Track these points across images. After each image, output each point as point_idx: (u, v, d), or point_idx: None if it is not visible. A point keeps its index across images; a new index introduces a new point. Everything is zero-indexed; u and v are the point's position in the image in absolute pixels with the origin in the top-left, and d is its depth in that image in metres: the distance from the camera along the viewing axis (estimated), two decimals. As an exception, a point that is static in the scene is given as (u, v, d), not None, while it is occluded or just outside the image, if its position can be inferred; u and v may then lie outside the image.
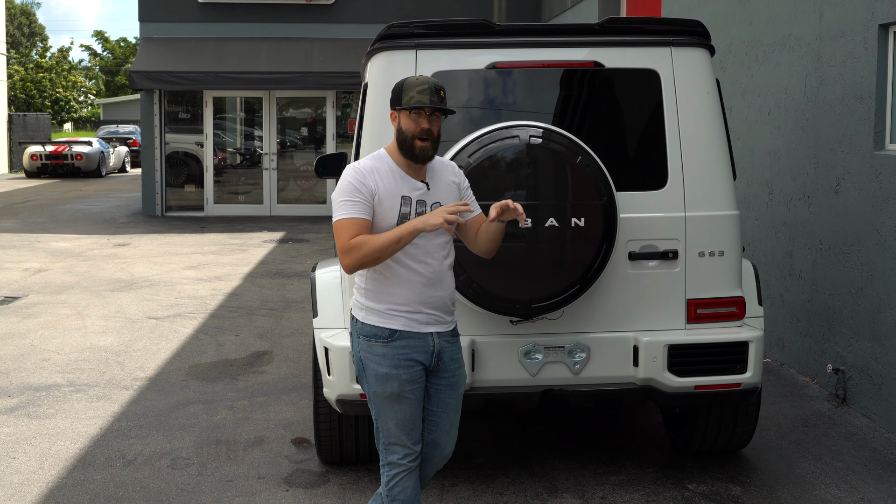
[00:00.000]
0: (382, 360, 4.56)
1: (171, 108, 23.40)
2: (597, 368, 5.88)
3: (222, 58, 22.09)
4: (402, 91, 4.58)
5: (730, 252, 5.97)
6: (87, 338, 10.32)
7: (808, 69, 8.58)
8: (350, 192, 4.50)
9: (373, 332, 4.59)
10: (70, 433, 7.26)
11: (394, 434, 4.62)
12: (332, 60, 22.09)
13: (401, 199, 4.54)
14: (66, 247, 17.42)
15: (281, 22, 22.91)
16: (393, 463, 4.63)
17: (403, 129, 4.56)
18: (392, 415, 4.59)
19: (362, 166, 4.57)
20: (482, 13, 20.86)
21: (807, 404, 7.93)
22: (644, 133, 6.02)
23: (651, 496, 6.06)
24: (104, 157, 37.59)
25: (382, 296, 4.59)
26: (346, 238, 4.46)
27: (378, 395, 4.59)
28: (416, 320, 4.59)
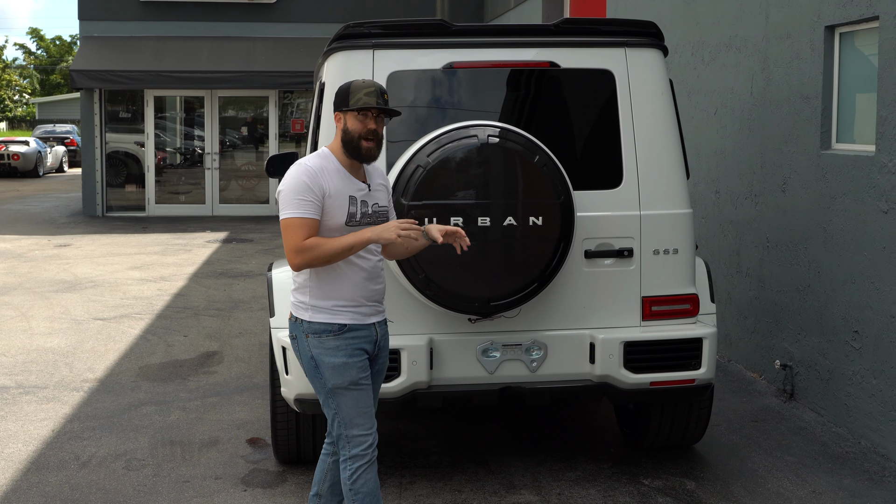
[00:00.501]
0: (337, 352, 4.68)
1: (112, 107, 23.18)
2: (554, 366, 5.93)
3: (163, 57, 21.94)
4: (349, 93, 4.68)
5: (684, 250, 6.05)
6: (34, 339, 10.22)
7: (754, 70, 8.70)
8: (303, 190, 4.56)
9: (323, 329, 4.69)
10: (21, 435, 7.19)
11: (357, 424, 4.71)
12: (274, 60, 22.02)
13: (349, 199, 4.66)
14: (6, 248, 17.21)
15: (222, 21, 22.79)
16: (357, 455, 4.72)
17: (350, 130, 4.66)
18: (353, 404, 4.71)
19: (313, 165, 4.64)
20: (425, 13, 20.91)
21: (755, 400, 8.05)
22: (599, 132, 6.08)
23: (607, 492, 6.13)
24: (42, 157, 37.15)
25: (328, 292, 4.70)
26: (299, 238, 4.54)
27: (338, 386, 4.68)
28: (361, 313, 4.74)
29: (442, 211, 5.43)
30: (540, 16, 16.53)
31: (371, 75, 5.88)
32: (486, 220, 5.44)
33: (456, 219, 5.42)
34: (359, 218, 4.69)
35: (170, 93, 23.10)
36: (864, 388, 7.03)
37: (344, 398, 4.71)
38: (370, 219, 4.75)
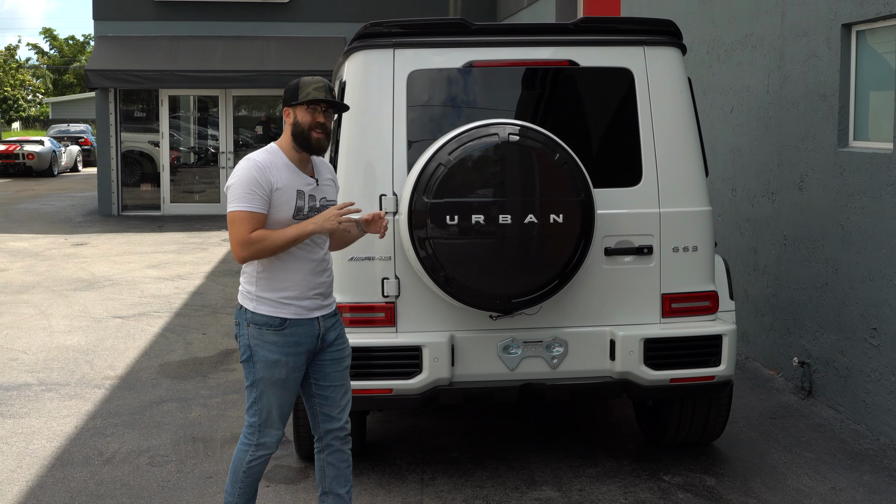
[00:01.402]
0: (273, 348, 4.81)
1: (126, 106, 23.26)
2: (574, 362, 5.97)
3: (178, 56, 22.00)
4: (299, 89, 4.83)
5: (703, 247, 6.09)
6: (54, 337, 10.29)
7: (770, 68, 8.72)
8: (252, 184, 4.69)
9: (264, 321, 4.81)
10: (45, 432, 7.26)
11: (273, 418, 4.90)
12: (287, 59, 22.06)
13: (296, 193, 4.80)
14: (24, 246, 17.31)
15: (236, 20, 22.85)
16: (264, 444, 4.93)
17: (300, 122, 4.81)
18: (275, 399, 4.87)
19: (262, 160, 4.77)
20: (438, 12, 20.94)
21: (773, 397, 8.08)
22: (618, 131, 6.12)
23: (628, 487, 6.17)
24: (56, 157, 37.27)
25: (276, 284, 4.81)
26: (245, 231, 4.67)
27: (265, 380, 4.84)
28: (305, 307, 4.85)
29: (463, 209, 5.47)
30: (553, 15, 16.55)
31: (391, 74, 5.93)
32: (506, 218, 5.48)
33: (477, 216, 5.46)
34: (306, 212, 4.82)
35: (184, 92, 23.18)
36: (882, 385, 7.05)
37: (268, 392, 4.87)
38: (318, 213, 4.85)
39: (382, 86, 5.94)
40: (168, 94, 22.94)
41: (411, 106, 5.93)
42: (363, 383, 5.81)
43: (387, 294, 5.88)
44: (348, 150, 5.94)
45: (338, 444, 5.10)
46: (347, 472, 5.14)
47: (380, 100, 5.92)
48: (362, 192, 5.87)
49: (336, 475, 5.12)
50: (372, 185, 5.87)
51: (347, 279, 5.90)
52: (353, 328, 5.87)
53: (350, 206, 4.76)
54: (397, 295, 5.89)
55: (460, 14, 21.04)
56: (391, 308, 5.90)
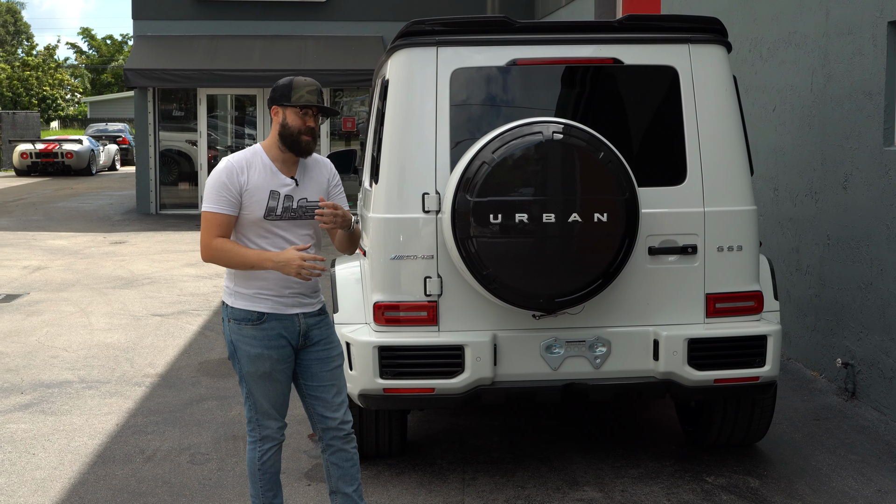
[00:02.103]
0: (253, 342, 4.86)
1: (164, 105, 23.37)
2: (617, 362, 5.93)
3: (216, 56, 22.08)
4: (292, 90, 4.86)
5: (748, 247, 6.03)
6: (94, 335, 10.34)
7: (814, 66, 8.64)
8: (220, 187, 4.78)
9: (242, 316, 4.87)
10: (87, 429, 7.29)
11: (266, 410, 4.97)
12: (324, 58, 22.09)
13: (269, 194, 4.82)
14: (64, 244, 17.42)
15: (274, 20, 22.89)
16: (268, 437, 4.99)
17: (289, 125, 4.84)
18: (264, 392, 4.93)
19: (236, 161, 4.83)
20: (475, 10, 20.91)
21: (816, 398, 8.01)
22: (663, 129, 6.08)
23: (671, 489, 6.12)
24: (94, 156, 37.49)
25: (251, 280, 4.87)
26: (211, 235, 4.78)
27: (251, 374, 4.90)
28: (282, 303, 4.88)
29: (506, 208, 5.44)
30: (592, 13, 16.48)
31: (435, 72, 5.90)
32: (550, 217, 5.44)
33: (520, 215, 5.42)
34: (279, 212, 4.84)
35: (222, 91, 23.26)
36: (928, 387, 6.97)
37: (256, 387, 4.92)
38: (293, 213, 4.88)
39: (425, 84, 5.91)
40: (206, 94, 23.02)
41: (454, 104, 5.91)
42: (405, 382, 5.80)
43: (429, 293, 5.86)
44: (391, 148, 5.92)
45: (339, 444, 5.09)
46: (353, 471, 5.13)
47: (423, 98, 5.90)
48: (405, 190, 5.86)
49: (341, 475, 5.12)
50: (414, 184, 5.85)
51: (389, 277, 5.89)
52: (396, 327, 5.87)
53: (313, 258, 4.75)
54: (440, 294, 5.86)
55: (498, 13, 21.02)
56: (433, 307, 5.87)
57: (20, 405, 7.88)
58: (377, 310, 5.89)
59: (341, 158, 8.51)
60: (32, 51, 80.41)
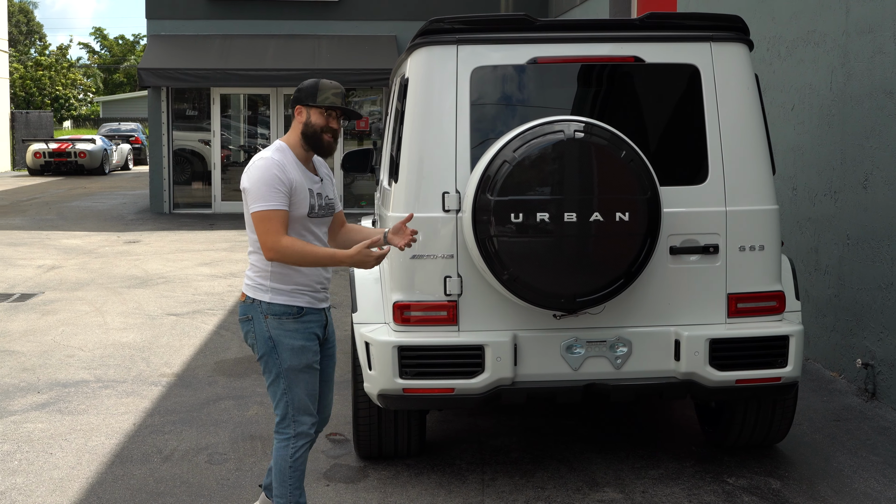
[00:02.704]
0: (296, 335, 4.97)
1: (178, 105, 23.38)
2: (638, 363, 5.89)
3: (230, 55, 22.07)
4: (318, 91, 5.00)
5: (770, 246, 5.98)
6: (109, 334, 10.33)
7: (834, 64, 8.59)
8: (275, 182, 4.82)
9: (283, 311, 4.97)
10: (104, 429, 7.27)
11: (304, 405, 5.04)
12: (338, 58, 22.07)
13: (308, 192, 4.96)
14: (78, 244, 17.42)
15: (288, 19, 22.88)
16: (302, 433, 5.06)
17: (313, 124, 4.97)
18: (304, 386, 5.03)
19: (279, 159, 4.90)
20: (489, 9, 20.86)
21: (836, 399, 7.96)
22: (684, 128, 6.03)
23: (692, 490, 6.08)
24: (107, 155, 37.53)
25: (290, 278, 4.97)
26: (277, 233, 4.81)
27: (293, 368, 4.98)
28: (316, 298, 5.06)
29: (527, 206, 5.40)
30: (607, 11, 16.44)
31: (455, 71, 5.87)
32: (571, 216, 5.40)
33: (541, 214, 5.38)
34: (317, 210, 5.00)
35: (235, 91, 23.25)
36: (950, 388, 6.92)
37: (297, 380, 5.01)
38: (325, 211, 5.07)
39: (445, 82, 5.88)
40: (220, 93, 23.02)
41: (474, 102, 5.87)
42: (424, 382, 5.77)
43: (449, 292, 5.83)
44: (411, 146, 5.89)
45: (314, 436, 5.20)
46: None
47: (443, 96, 5.87)
48: (425, 189, 5.82)
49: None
50: (434, 183, 5.81)
51: (410, 277, 5.85)
52: (415, 326, 5.83)
53: (382, 252, 4.90)
54: (460, 293, 5.83)
55: (512, 11, 20.98)
56: (453, 306, 5.84)
57: (37, 404, 7.86)
58: (397, 309, 5.86)
59: (358, 157, 8.50)
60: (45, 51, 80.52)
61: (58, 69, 64.74)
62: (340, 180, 22.89)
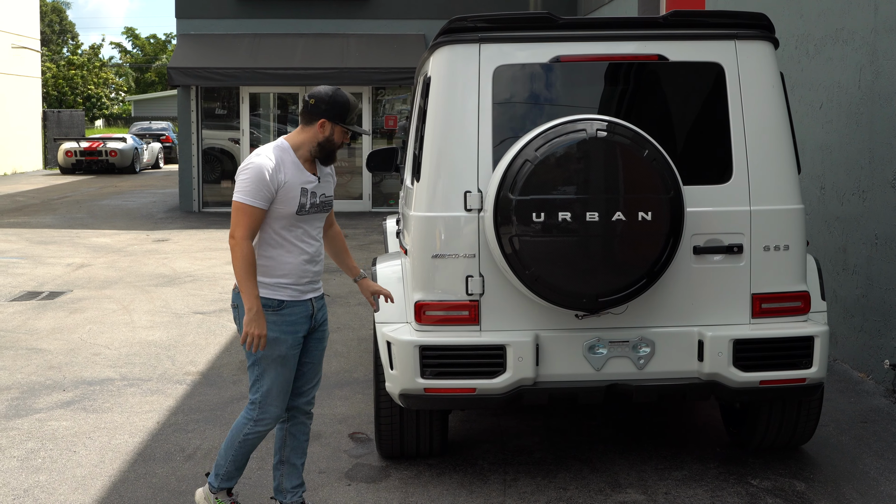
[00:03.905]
0: (272, 327, 5.18)
1: (207, 104, 23.45)
2: (661, 363, 5.85)
3: (258, 54, 22.12)
4: (348, 111, 5.27)
5: (795, 246, 5.92)
6: (136, 332, 10.36)
7: (862, 63, 8.51)
8: (261, 182, 5.07)
9: (264, 303, 5.15)
10: (128, 427, 7.29)
11: (273, 394, 5.29)
12: (367, 56, 22.09)
13: (300, 191, 5.19)
14: (107, 242, 17.51)
15: (317, 18, 22.93)
16: (263, 420, 5.32)
17: (334, 140, 5.26)
18: (276, 376, 5.26)
19: (275, 158, 5.15)
20: (518, 8, 20.82)
21: (864, 400, 7.88)
22: (708, 127, 5.98)
23: (715, 491, 6.03)
24: (138, 154, 37.74)
25: (272, 270, 5.21)
26: (244, 227, 5.07)
27: (266, 357, 5.22)
28: (299, 290, 5.27)
29: (549, 206, 5.37)
30: (636, 10, 16.37)
31: (477, 69, 5.84)
32: (593, 215, 5.37)
33: (563, 214, 5.35)
34: (308, 208, 5.23)
35: (265, 90, 23.30)
36: (979, 390, 6.84)
37: (269, 370, 5.25)
38: (318, 208, 5.30)
39: (468, 81, 5.85)
40: (249, 92, 23.08)
41: (497, 101, 5.84)
42: (446, 382, 5.75)
43: (471, 292, 5.80)
44: (433, 146, 5.87)
45: (302, 418, 5.55)
46: (305, 446, 5.60)
47: (465, 95, 5.84)
48: (447, 188, 5.80)
49: (295, 446, 5.55)
50: (456, 182, 5.79)
51: (431, 276, 5.83)
52: (437, 326, 5.81)
53: (262, 345, 5.10)
54: (481, 293, 5.80)
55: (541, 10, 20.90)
56: (475, 306, 5.82)
57: (62, 402, 7.89)
58: (418, 309, 5.84)
59: (383, 156, 8.47)
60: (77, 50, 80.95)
61: (90, 68, 65.06)
62: (369, 179, 22.91)
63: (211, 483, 5.54)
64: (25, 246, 16.95)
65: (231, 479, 5.53)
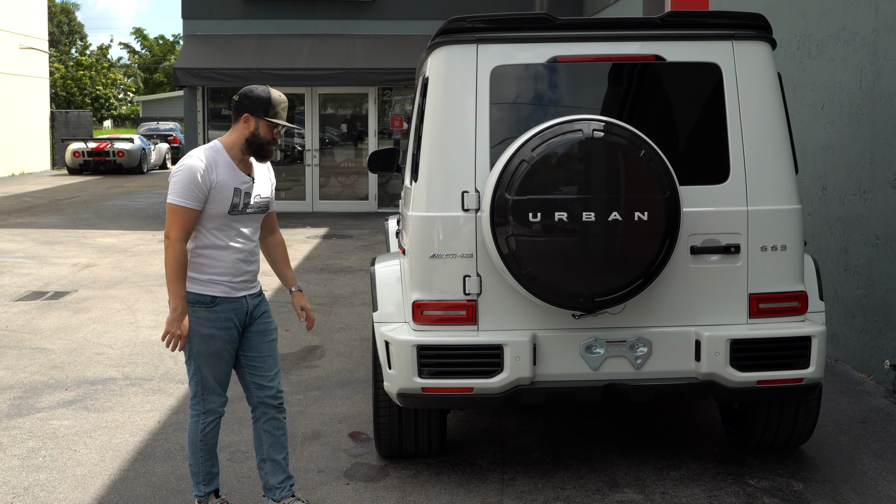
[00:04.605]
0: (206, 323, 5.31)
1: (214, 104, 23.50)
2: (659, 363, 5.86)
3: (265, 54, 22.17)
4: (271, 105, 5.30)
5: (792, 246, 5.93)
6: (139, 332, 10.39)
7: (863, 63, 8.52)
8: (191, 183, 5.17)
9: (196, 300, 5.29)
10: (129, 426, 7.32)
11: (212, 386, 5.45)
12: (373, 57, 22.13)
13: (233, 191, 5.28)
14: (112, 242, 17.55)
15: (322, 19, 22.98)
16: (211, 410, 5.49)
17: (261, 135, 5.31)
18: (211, 370, 5.40)
19: (207, 159, 5.24)
20: (524, 9, 20.83)
21: (864, 400, 7.88)
22: (705, 127, 5.99)
23: (713, 491, 6.04)
24: (145, 154, 37.81)
25: (206, 268, 5.32)
26: (178, 228, 5.16)
27: (201, 352, 5.35)
28: (233, 287, 5.37)
29: (545, 206, 5.38)
30: (640, 11, 16.37)
31: (475, 70, 5.86)
32: (590, 216, 5.38)
33: (560, 214, 5.37)
34: (241, 208, 5.32)
35: (271, 90, 23.29)
36: (978, 390, 6.84)
37: (205, 364, 5.39)
38: (253, 209, 5.39)
39: (465, 81, 5.87)
40: (255, 92, 23.06)
41: (494, 102, 5.86)
42: (444, 381, 5.77)
43: (468, 292, 5.82)
44: (430, 146, 5.88)
45: (272, 412, 5.59)
46: (283, 440, 5.62)
47: (462, 95, 5.86)
48: (444, 188, 5.82)
49: (273, 442, 5.60)
50: (454, 182, 5.81)
51: (429, 276, 5.85)
52: (435, 326, 5.83)
53: (180, 346, 5.24)
54: (479, 293, 5.82)
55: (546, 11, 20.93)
56: (472, 306, 5.83)
57: (64, 401, 7.92)
58: (416, 309, 5.86)
59: (383, 157, 8.49)
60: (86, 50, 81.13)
61: (98, 69, 65.21)
62: (375, 180, 22.94)
63: (197, 495, 5.62)
64: (31, 246, 17.00)
65: (212, 481, 5.62)
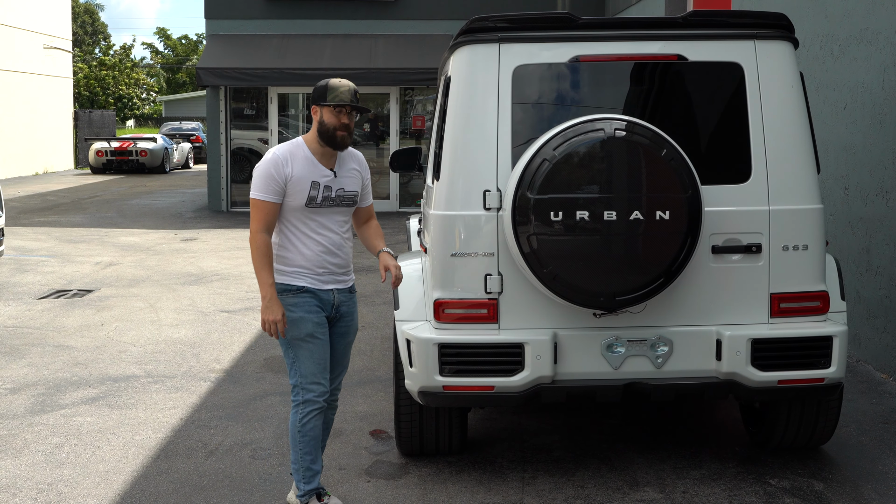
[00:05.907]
0: (294, 308, 5.41)
1: (236, 104, 23.58)
2: (679, 362, 5.86)
3: (287, 54, 22.23)
4: (328, 91, 5.42)
5: (814, 246, 5.93)
6: (162, 330, 10.45)
7: (886, 63, 8.49)
8: (268, 177, 5.35)
9: (282, 289, 5.43)
10: (151, 423, 7.36)
11: (311, 373, 5.45)
12: (395, 57, 22.16)
13: (310, 184, 5.39)
14: (135, 241, 17.63)
15: (344, 19, 23.02)
16: (310, 400, 5.46)
17: (326, 122, 5.42)
18: (309, 354, 5.44)
19: (281, 154, 5.40)
20: (546, 8, 20.82)
21: (886, 401, 7.86)
22: (727, 126, 5.99)
23: (733, 491, 6.04)
24: (168, 154, 37.94)
25: (290, 260, 5.46)
26: (259, 221, 5.35)
27: (295, 337, 5.42)
28: (319, 280, 5.47)
29: (567, 205, 5.40)
30: (663, 10, 16.32)
31: (497, 69, 5.87)
32: (611, 215, 5.39)
33: (582, 213, 5.38)
34: (320, 201, 5.42)
35: (293, 90, 23.40)
36: None
37: (301, 350, 5.44)
38: (333, 202, 5.46)
39: (487, 81, 5.88)
40: (277, 92, 23.19)
41: (516, 101, 5.87)
42: (464, 380, 5.79)
43: (489, 290, 5.84)
44: (453, 144, 5.90)
45: (324, 405, 5.56)
46: (326, 433, 5.73)
47: (485, 95, 5.87)
48: (466, 187, 5.84)
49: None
50: (476, 181, 5.82)
51: (450, 275, 5.87)
52: (456, 324, 5.85)
53: (278, 330, 5.33)
54: (500, 291, 5.84)
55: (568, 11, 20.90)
56: (494, 304, 5.85)
57: (87, 398, 7.98)
58: (438, 307, 5.88)
59: (406, 156, 8.50)
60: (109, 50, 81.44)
61: (121, 69, 65.47)
62: (396, 179, 22.96)
63: (298, 495, 5.57)
64: (55, 244, 17.10)
65: (313, 479, 5.54)
